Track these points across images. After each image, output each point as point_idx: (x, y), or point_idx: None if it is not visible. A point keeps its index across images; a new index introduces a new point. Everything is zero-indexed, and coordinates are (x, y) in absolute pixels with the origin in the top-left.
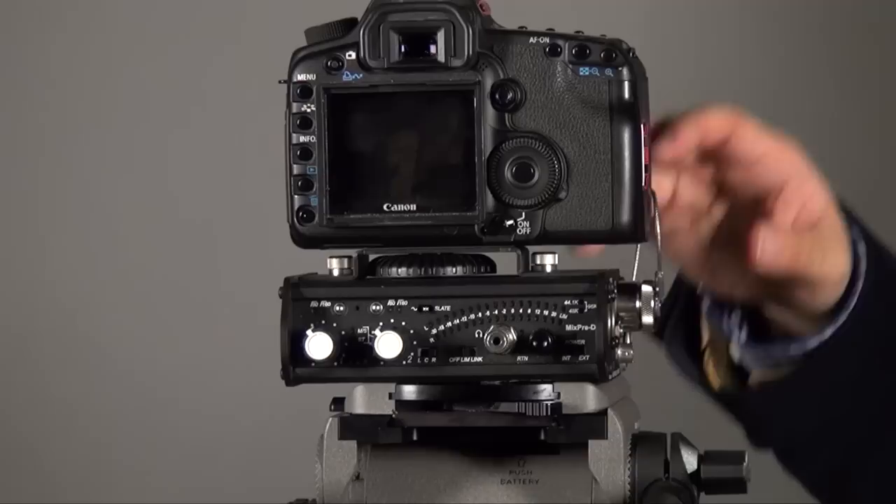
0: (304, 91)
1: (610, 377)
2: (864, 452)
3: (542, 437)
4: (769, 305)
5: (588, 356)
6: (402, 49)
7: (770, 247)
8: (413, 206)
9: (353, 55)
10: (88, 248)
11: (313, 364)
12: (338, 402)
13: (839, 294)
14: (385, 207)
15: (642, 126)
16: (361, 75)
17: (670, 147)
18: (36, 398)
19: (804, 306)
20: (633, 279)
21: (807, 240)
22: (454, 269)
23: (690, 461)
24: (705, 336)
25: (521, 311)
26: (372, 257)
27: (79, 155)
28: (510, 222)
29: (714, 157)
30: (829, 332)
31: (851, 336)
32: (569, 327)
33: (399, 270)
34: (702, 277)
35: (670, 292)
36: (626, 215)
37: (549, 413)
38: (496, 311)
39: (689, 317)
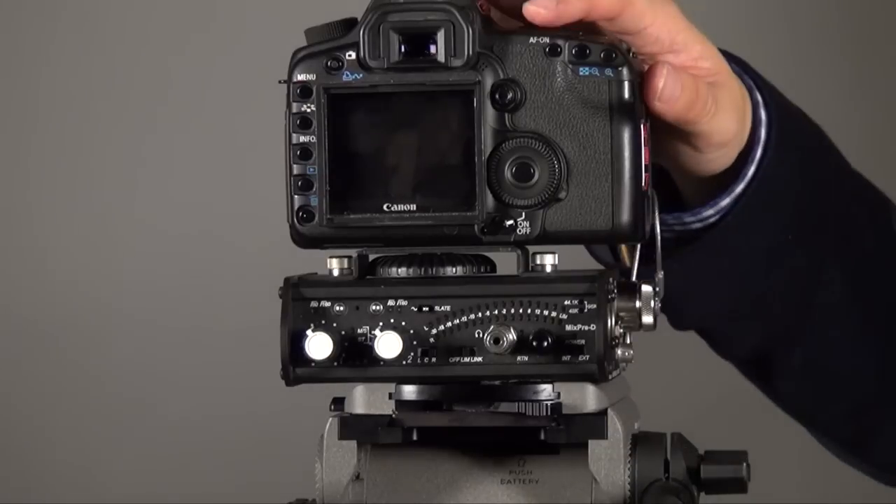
0: (304, 91)
1: (610, 377)
2: (786, 340)
3: (542, 437)
4: (671, 168)
5: (588, 356)
6: (402, 49)
7: (670, 83)
8: (413, 206)
9: (353, 55)
10: (89, 248)
11: (313, 364)
12: (338, 402)
13: (730, 160)
14: (385, 207)
15: (642, 126)
16: (361, 75)
17: (552, 9)
18: (36, 398)
19: (694, 167)
20: (633, 279)
21: (703, 86)
22: (454, 269)
23: (690, 461)
24: None
25: (520, 311)
26: (372, 257)
27: (78, 155)
28: (510, 222)
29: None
30: (724, 201)
31: (753, 207)
32: (569, 327)
33: (399, 270)
34: None
35: None
36: (626, 215)
37: (549, 413)
38: (496, 311)
39: None
